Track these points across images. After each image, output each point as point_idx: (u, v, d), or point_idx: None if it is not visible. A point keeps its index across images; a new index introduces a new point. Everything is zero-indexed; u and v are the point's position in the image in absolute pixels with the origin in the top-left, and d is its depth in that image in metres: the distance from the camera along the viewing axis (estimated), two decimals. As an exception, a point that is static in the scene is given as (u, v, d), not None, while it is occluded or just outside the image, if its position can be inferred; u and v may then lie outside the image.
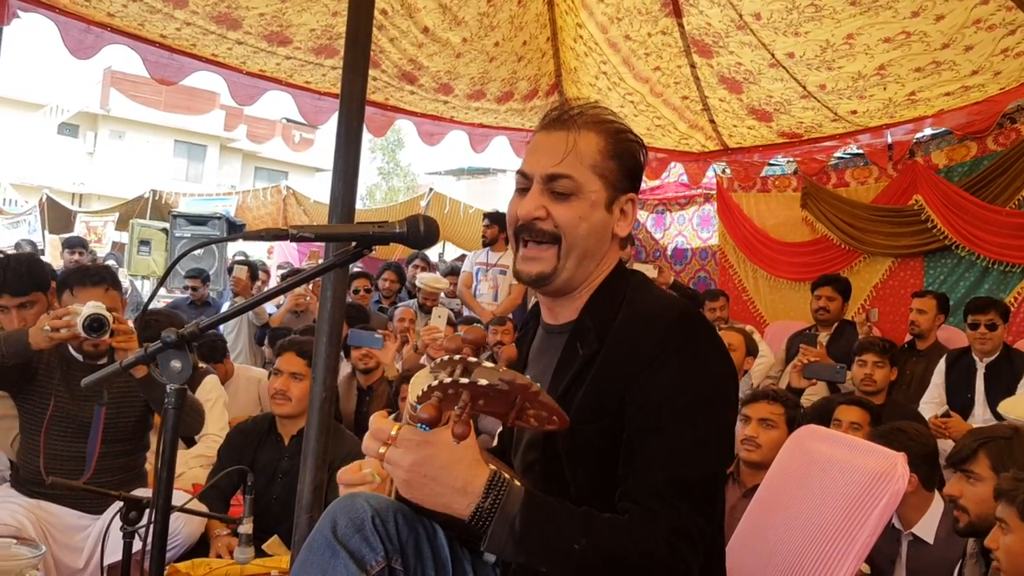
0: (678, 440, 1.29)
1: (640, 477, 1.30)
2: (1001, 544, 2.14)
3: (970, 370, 4.64)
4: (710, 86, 5.80)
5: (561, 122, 1.47)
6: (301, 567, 1.40)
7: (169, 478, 1.48)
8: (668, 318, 1.37)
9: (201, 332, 1.48)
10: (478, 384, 1.04)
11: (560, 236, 1.45)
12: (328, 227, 1.56)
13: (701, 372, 1.34)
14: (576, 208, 1.44)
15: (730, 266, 7.63)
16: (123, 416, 3.00)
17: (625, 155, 1.49)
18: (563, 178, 1.44)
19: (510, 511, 1.21)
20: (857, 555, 1.32)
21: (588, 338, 1.43)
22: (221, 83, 5.67)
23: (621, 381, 1.35)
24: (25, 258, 3.72)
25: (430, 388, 1.05)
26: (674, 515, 1.26)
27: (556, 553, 1.23)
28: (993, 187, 5.64)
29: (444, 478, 1.19)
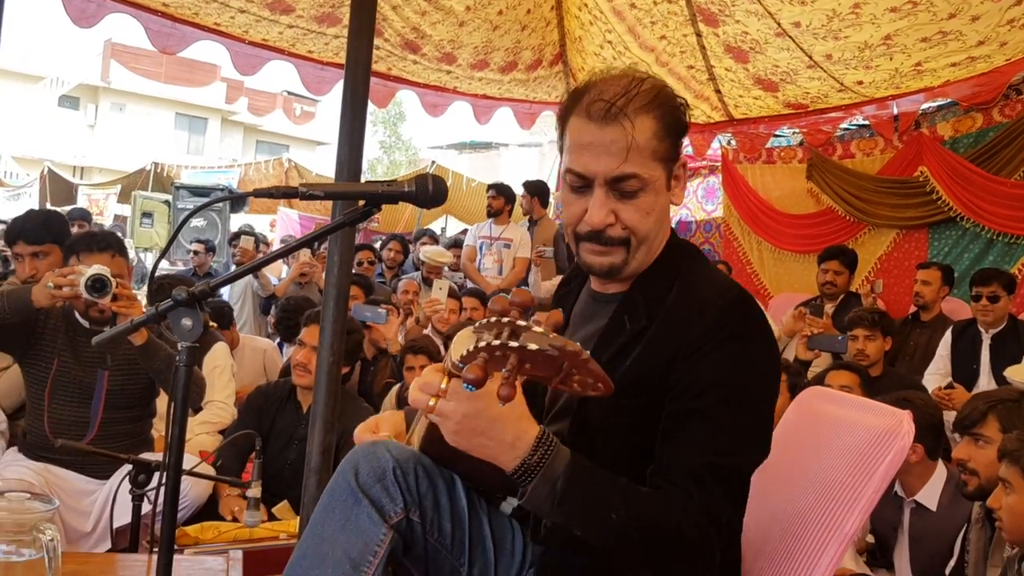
0: (722, 427, 1.29)
1: (679, 457, 1.29)
2: (1004, 504, 2.16)
3: (976, 341, 4.64)
4: (716, 55, 5.77)
5: (614, 116, 1.35)
6: (323, 511, 1.41)
7: (181, 436, 1.49)
8: (724, 302, 1.35)
9: (212, 290, 1.48)
10: (527, 348, 1.03)
11: (631, 237, 1.40)
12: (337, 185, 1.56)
13: (751, 361, 1.33)
14: (643, 204, 1.39)
15: (734, 238, 7.62)
16: (130, 383, 3.02)
17: (676, 126, 1.41)
18: (630, 178, 1.36)
19: (555, 471, 1.22)
20: (862, 509, 1.33)
21: (637, 313, 1.40)
22: (222, 54, 5.65)
23: (668, 360, 1.33)
24: (43, 210, 3.78)
25: (476, 349, 1.05)
26: (709, 500, 1.26)
27: (593, 519, 1.24)
28: (999, 158, 5.62)
29: (494, 431, 1.20)
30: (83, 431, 2.92)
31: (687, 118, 1.44)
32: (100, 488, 2.95)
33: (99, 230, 3.27)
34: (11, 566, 1.28)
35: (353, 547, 1.36)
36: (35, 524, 1.30)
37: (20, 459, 2.94)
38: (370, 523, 1.37)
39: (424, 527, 1.47)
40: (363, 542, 1.36)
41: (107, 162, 25.12)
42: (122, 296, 2.76)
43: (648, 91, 1.37)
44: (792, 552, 1.38)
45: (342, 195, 1.53)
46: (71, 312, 2.98)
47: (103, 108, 28.13)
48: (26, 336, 2.91)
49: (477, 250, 6.78)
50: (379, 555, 1.36)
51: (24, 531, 1.29)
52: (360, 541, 1.36)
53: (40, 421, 2.91)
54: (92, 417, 2.94)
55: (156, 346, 2.88)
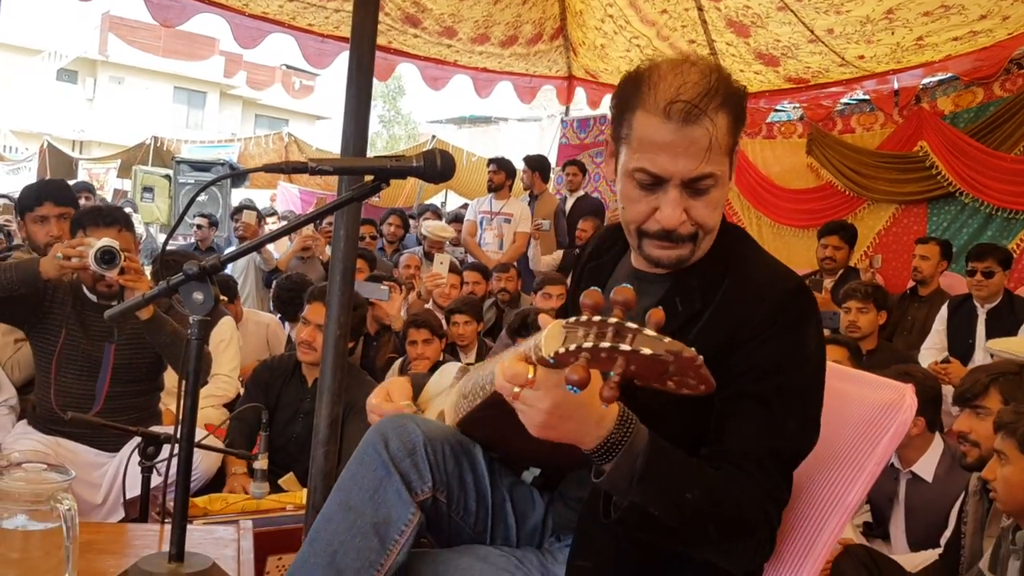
0: (780, 413, 1.31)
1: (739, 440, 1.31)
2: (999, 475, 2.20)
3: (971, 316, 4.68)
4: (717, 30, 5.76)
5: (695, 117, 1.29)
6: (351, 479, 1.41)
7: (193, 408, 1.52)
8: (783, 289, 1.36)
9: (223, 264, 1.50)
10: (640, 353, 0.99)
11: (698, 231, 1.39)
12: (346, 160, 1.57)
13: (807, 350, 1.35)
14: (713, 199, 1.37)
15: (734, 213, 7.63)
16: (137, 356, 3.05)
17: (742, 117, 1.38)
18: (706, 178, 1.33)
19: (637, 447, 1.21)
20: (865, 481, 1.36)
21: (691, 296, 1.39)
22: (222, 27, 5.63)
23: (724, 345, 1.33)
24: (60, 179, 3.76)
25: (579, 348, 1.01)
26: (770, 483, 1.29)
27: (670, 498, 1.23)
28: (999, 133, 5.63)
29: (581, 414, 1.17)
30: (90, 404, 2.96)
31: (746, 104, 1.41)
32: (110, 461, 2.99)
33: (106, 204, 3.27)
34: (29, 535, 1.31)
35: (381, 520, 1.37)
36: (52, 494, 1.32)
37: (30, 432, 2.98)
38: (398, 499, 1.38)
39: (450, 506, 1.49)
40: (391, 517, 1.37)
41: (106, 136, 25.05)
42: (130, 270, 2.78)
43: (721, 86, 1.32)
44: (795, 523, 1.41)
45: (351, 170, 1.54)
46: (79, 286, 3.01)
47: (101, 82, 28.00)
48: (34, 308, 2.94)
49: (478, 225, 6.79)
50: (406, 534, 1.38)
51: (42, 501, 1.31)
52: (388, 515, 1.37)
53: (48, 394, 2.95)
54: (98, 390, 2.97)
55: (162, 321, 2.91)
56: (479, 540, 1.54)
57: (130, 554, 1.61)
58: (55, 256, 2.71)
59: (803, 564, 1.37)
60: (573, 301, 1.68)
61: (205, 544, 1.69)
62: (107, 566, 1.55)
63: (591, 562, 1.40)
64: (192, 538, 1.58)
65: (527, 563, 1.49)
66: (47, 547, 1.33)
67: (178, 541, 1.49)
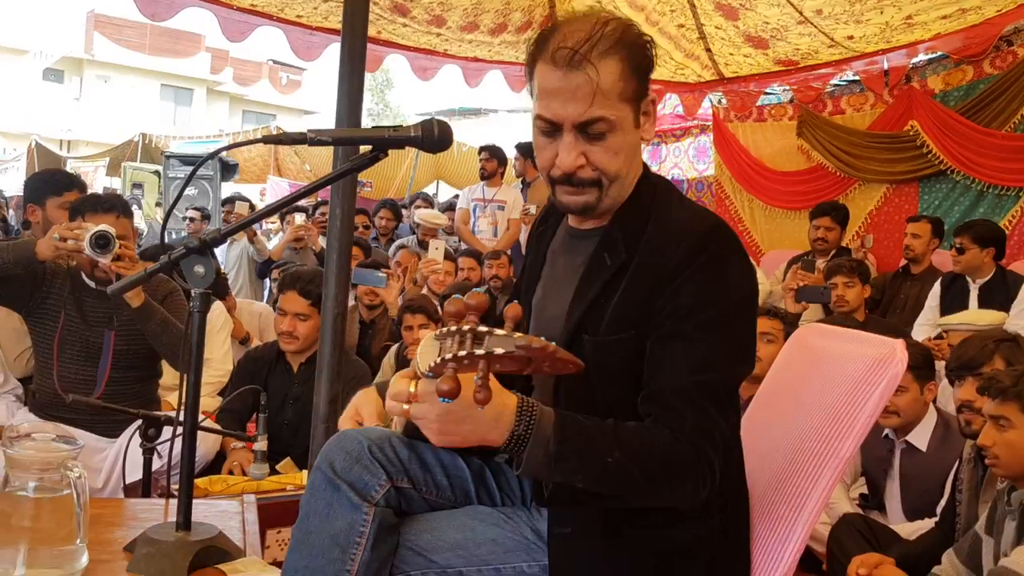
0: (704, 346, 1.33)
1: (665, 379, 1.33)
2: (1001, 440, 2.18)
3: (964, 292, 4.71)
4: (706, 13, 5.76)
5: (578, 62, 1.35)
6: (306, 508, 1.43)
7: (197, 376, 1.54)
8: (700, 229, 1.38)
9: (223, 237, 1.52)
10: (494, 353, 1.06)
11: (600, 177, 1.42)
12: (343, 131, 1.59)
13: (730, 283, 1.37)
14: (612, 145, 1.40)
15: (726, 196, 7.66)
16: (135, 343, 3.06)
17: (642, 63, 1.42)
18: (597, 121, 1.38)
19: (543, 433, 1.24)
20: (858, 434, 1.37)
21: (617, 248, 1.43)
22: (209, 22, 5.59)
23: (650, 291, 1.36)
24: None
25: (443, 361, 1.07)
26: (698, 415, 1.30)
27: (592, 469, 1.26)
28: (989, 111, 5.64)
29: (474, 416, 1.21)
30: (90, 389, 2.97)
31: (653, 55, 1.45)
32: (110, 446, 3.00)
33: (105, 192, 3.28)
34: (41, 503, 1.33)
35: (339, 532, 1.38)
36: (62, 462, 1.34)
37: (31, 418, 2.99)
38: (349, 506, 1.39)
39: (418, 489, 1.50)
40: (347, 524, 1.39)
41: (93, 135, 24.95)
42: (124, 256, 2.79)
43: (611, 33, 1.38)
44: (792, 476, 1.43)
45: (349, 140, 1.55)
46: (78, 272, 3.02)
47: (88, 80, 27.89)
48: (31, 291, 2.96)
49: (471, 213, 6.79)
50: (365, 535, 1.39)
51: (52, 468, 1.33)
52: (344, 524, 1.39)
53: (49, 378, 2.96)
54: (99, 376, 2.99)
55: (152, 309, 2.93)
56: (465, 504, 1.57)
57: (136, 526, 1.62)
58: (52, 238, 2.72)
59: (797, 519, 1.39)
60: (526, 272, 1.73)
61: (210, 516, 1.71)
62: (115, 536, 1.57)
63: (569, 528, 1.43)
64: (197, 511, 1.60)
65: (515, 518, 1.52)
66: (58, 515, 1.35)
67: (185, 510, 1.51)
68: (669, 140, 8.39)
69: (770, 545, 1.42)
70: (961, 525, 2.59)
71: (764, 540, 1.43)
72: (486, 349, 1.06)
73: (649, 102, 1.46)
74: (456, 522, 1.49)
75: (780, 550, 1.39)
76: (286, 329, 3.40)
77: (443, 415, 1.21)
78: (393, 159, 12.67)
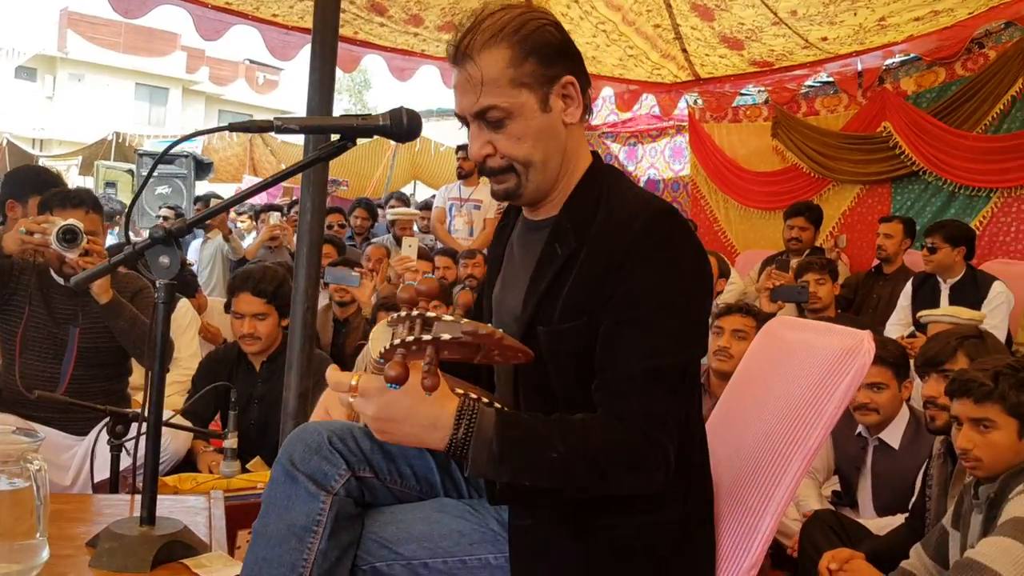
0: (653, 331, 1.32)
1: (616, 366, 1.33)
2: (980, 442, 2.16)
3: (935, 292, 4.75)
4: (682, 14, 5.78)
5: (461, 58, 1.43)
6: (266, 502, 1.42)
7: (161, 374, 1.51)
8: (646, 215, 1.38)
9: (188, 228, 1.50)
10: (441, 339, 1.05)
11: (512, 164, 1.45)
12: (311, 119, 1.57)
13: (680, 267, 1.37)
14: (513, 131, 1.43)
15: (701, 196, 7.69)
16: (103, 340, 3.02)
17: (538, 47, 1.43)
18: (489, 110, 1.42)
19: (485, 435, 1.23)
20: (825, 424, 1.38)
21: (567, 238, 1.44)
22: (184, 20, 5.53)
23: (601, 278, 1.37)
24: None
25: (392, 347, 1.06)
26: (647, 400, 1.30)
27: (537, 465, 1.26)
28: (961, 112, 5.70)
29: (413, 417, 1.21)
30: (54, 387, 2.93)
31: (555, 35, 1.46)
32: (78, 443, 2.97)
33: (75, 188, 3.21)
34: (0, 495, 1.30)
35: (295, 522, 1.37)
36: (22, 454, 1.31)
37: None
38: (307, 495, 1.38)
39: (381, 479, 1.49)
40: (304, 514, 1.38)
41: (67, 134, 24.66)
42: (92, 252, 2.75)
43: (493, 25, 1.41)
44: (761, 466, 1.43)
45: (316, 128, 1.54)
46: (45, 269, 2.98)
47: (61, 79, 27.58)
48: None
49: (447, 212, 6.77)
50: (322, 523, 1.38)
51: (12, 461, 1.30)
52: (301, 514, 1.38)
53: (12, 375, 2.91)
54: (63, 373, 2.95)
55: (120, 306, 2.89)
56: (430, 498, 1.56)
57: (100, 522, 1.60)
58: (18, 231, 2.68)
59: (765, 509, 1.39)
60: (488, 267, 1.75)
61: (176, 512, 1.68)
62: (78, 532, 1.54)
63: (530, 520, 1.43)
64: (163, 506, 1.58)
65: (481, 510, 1.51)
66: (17, 509, 1.32)
67: (149, 504, 1.49)
68: (645, 140, 8.41)
69: (739, 535, 1.42)
70: (931, 520, 2.61)
71: (733, 530, 1.43)
72: (433, 335, 1.05)
73: (564, 85, 1.46)
74: (421, 514, 1.48)
75: (748, 540, 1.39)
76: (247, 332, 3.30)
77: (381, 410, 1.21)
78: (370, 158, 12.64)
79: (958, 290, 4.66)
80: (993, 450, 2.17)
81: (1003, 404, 2.16)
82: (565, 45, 1.47)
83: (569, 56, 1.47)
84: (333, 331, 4.78)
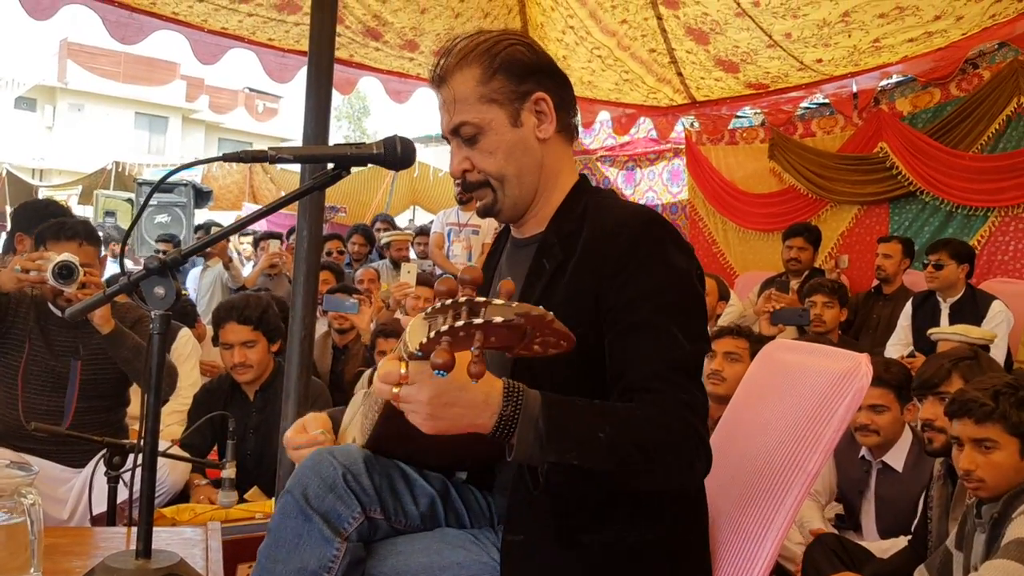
0: (663, 330, 1.34)
1: (637, 368, 1.34)
2: (983, 463, 2.15)
3: (935, 311, 4.75)
4: (677, 38, 5.81)
5: (437, 82, 1.52)
6: (274, 534, 1.42)
7: (157, 404, 1.50)
8: (635, 222, 1.41)
9: (184, 258, 1.50)
10: (493, 323, 1.03)
11: (487, 178, 1.51)
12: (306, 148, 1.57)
13: (674, 268, 1.40)
14: (486, 145, 1.49)
15: (699, 219, 7.70)
16: (102, 372, 3.01)
17: (507, 64, 1.49)
18: (462, 126, 1.49)
19: (532, 413, 1.23)
20: (824, 449, 1.37)
21: (553, 252, 1.47)
22: (182, 46, 5.57)
23: (593, 289, 1.38)
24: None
25: (438, 334, 1.03)
26: (677, 391, 1.31)
27: (584, 444, 1.25)
28: (956, 132, 5.72)
29: (464, 399, 1.20)
30: (57, 420, 2.92)
31: (526, 54, 1.52)
32: (76, 476, 2.95)
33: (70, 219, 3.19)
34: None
35: (307, 565, 1.37)
36: (16, 489, 1.30)
37: None
38: (322, 540, 1.38)
39: (389, 519, 1.49)
40: (316, 558, 1.37)
41: (66, 164, 24.74)
42: (90, 284, 2.75)
43: (465, 47, 1.50)
44: (760, 492, 1.42)
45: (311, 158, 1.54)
46: (43, 301, 2.98)
47: (61, 109, 27.69)
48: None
49: (445, 237, 6.78)
50: (334, 571, 1.38)
51: (6, 496, 1.29)
52: (313, 558, 1.37)
53: (14, 409, 2.90)
54: (67, 407, 2.94)
55: (123, 334, 2.88)
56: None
57: (96, 555, 1.58)
58: (13, 269, 2.67)
59: (765, 535, 1.38)
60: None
61: (173, 544, 1.67)
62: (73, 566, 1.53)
63: (522, 535, 1.42)
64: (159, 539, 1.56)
65: (482, 538, 1.50)
66: (12, 545, 1.31)
67: (145, 537, 1.47)
68: (644, 164, 8.44)
69: (739, 562, 1.41)
70: (932, 542, 2.59)
71: (733, 557, 1.42)
72: (485, 319, 1.03)
73: (535, 102, 1.51)
74: (421, 545, 1.47)
75: (749, 567, 1.38)
76: (238, 361, 3.29)
77: (435, 397, 1.19)
78: (369, 184, 12.66)
79: (958, 309, 4.65)
80: (996, 470, 2.15)
81: (1004, 423, 2.15)
82: (537, 64, 1.53)
83: (544, 74, 1.53)
84: (332, 358, 4.78)
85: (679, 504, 1.42)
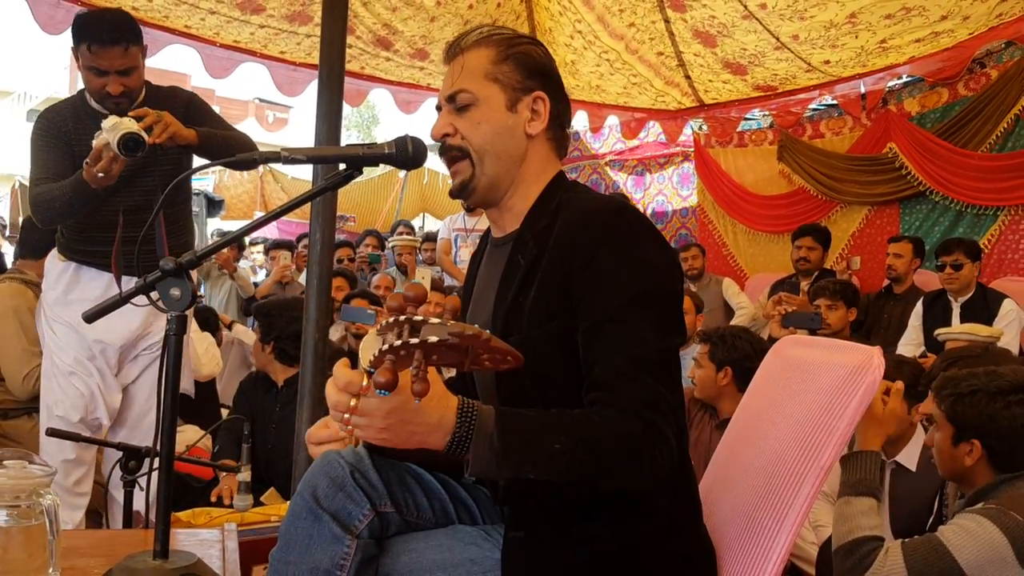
0: (632, 324, 1.34)
1: (601, 364, 1.34)
2: (934, 441, 2.19)
3: (946, 310, 4.74)
4: (684, 41, 5.82)
5: (451, 51, 1.56)
6: (286, 535, 1.43)
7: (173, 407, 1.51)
8: (604, 215, 1.41)
9: (199, 259, 1.51)
10: (429, 342, 1.04)
11: (468, 147, 1.52)
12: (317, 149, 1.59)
13: (644, 259, 1.39)
14: (476, 115, 1.51)
15: (709, 222, 7.70)
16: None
17: (519, 56, 1.53)
18: (459, 93, 1.52)
19: (485, 431, 1.23)
20: (837, 443, 1.37)
21: (527, 248, 1.47)
22: (192, 61, 5.62)
23: (565, 282, 1.39)
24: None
25: (381, 352, 1.05)
26: (638, 388, 1.30)
27: (540, 458, 1.26)
28: (965, 132, 5.71)
29: (419, 418, 1.20)
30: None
31: (539, 55, 1.56)
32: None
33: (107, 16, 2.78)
34: (10, 533, 1.30)
35: (319, 564, 1.38)
36: (34, 489, 1.31)
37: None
38: (331, 537, 1.39)
39: (401, 512, 1.50)
40: (328, 557, 1.38)
41: (79, 175, 24.84)
42: (153, 124, 2.55)
43: (487, 31, 1.55)
44: (773, 487, 1.43)
45: (322, 159, 1.56)
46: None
47: (73, 121, 27.81)
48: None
49: (452, 243, 6.81)
50: (346, 568, 1.39)
51: (23, 496, 1.30)
52: (325, 557, 1.38)
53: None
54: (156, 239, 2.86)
55: (209, 134, 2.74)
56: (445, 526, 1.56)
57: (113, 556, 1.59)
58: (95, 175, 2.54)
59: (779, 530, 1.38)
60: (463, 294, 1.78)
61: (189, 545, 1.68)
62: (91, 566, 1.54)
63: (523, 531, 1.43)
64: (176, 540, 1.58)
65: (494, 534, 1.51)
66: (30, 545, 1.32)
67: (162, 538, 1.48)
68: (653, 168, 8.43)
69: (753, 558, 1.41)
70: (949, 540, 2.57)
71: (747, 553, 1.42)
72: (421, 338, 1.04)
73: (535, 99, 1.54)
74: (434, 542, 1.48)
75: (763, 562, 1.38)
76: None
77: (392, 412, 1.19)
78: (378, 193, 12.69)
79: (969, 308, 4.64)
80: (936, 449, 2.18)
81: (942, 405, 2.16)
82: (546, 68, 1.56)
83: (548, 78, 1.56)
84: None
85: (674, 494, 1.43)
